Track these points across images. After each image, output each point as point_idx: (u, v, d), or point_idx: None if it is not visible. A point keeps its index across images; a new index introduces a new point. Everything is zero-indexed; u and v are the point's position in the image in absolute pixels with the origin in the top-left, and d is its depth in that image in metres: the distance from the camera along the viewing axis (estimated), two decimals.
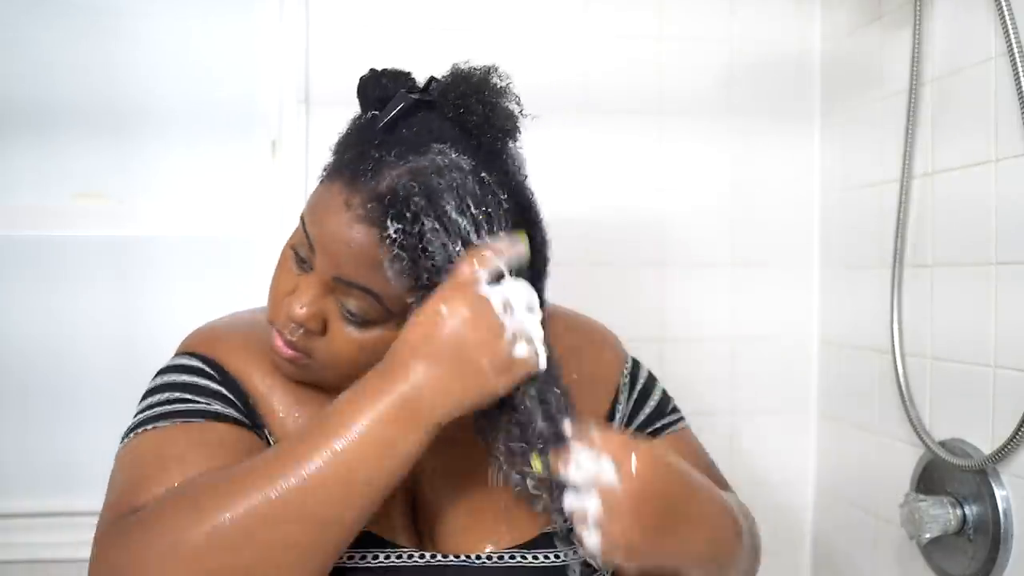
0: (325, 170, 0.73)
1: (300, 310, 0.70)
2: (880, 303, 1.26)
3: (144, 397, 0.76)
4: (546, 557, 0.75)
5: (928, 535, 1.08)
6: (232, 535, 0.59)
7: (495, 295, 0.64)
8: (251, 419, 0.75)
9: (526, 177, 0.75)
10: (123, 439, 0.74)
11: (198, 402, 0.73)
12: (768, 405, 1.51)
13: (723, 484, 0.90)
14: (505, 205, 0.68)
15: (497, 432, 0.68)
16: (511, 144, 0.73)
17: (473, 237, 0.66)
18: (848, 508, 1.41)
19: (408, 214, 0.65)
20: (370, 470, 0.62)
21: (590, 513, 0.62)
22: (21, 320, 1.32)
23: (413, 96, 0.70)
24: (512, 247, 0.67)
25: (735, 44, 1.48)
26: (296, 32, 1.36)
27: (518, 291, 0.66)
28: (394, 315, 0.69)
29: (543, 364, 0.66)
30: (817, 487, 1.52)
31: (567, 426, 0.65)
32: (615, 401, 0.86)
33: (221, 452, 0.69)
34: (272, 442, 0.75)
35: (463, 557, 0.74)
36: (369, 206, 0.66)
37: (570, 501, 0.63)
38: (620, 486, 0.61)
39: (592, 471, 0.62)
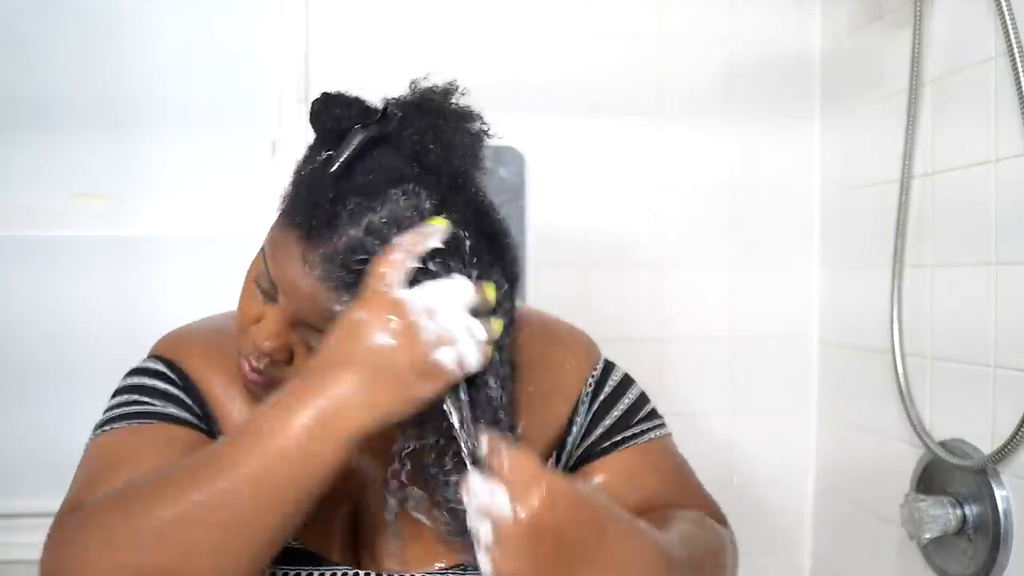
0: (283, 203, 0.71)
1: (266, 343, 0.69)
2: (880, 303, 1.26)
3: (110, 398, 0.78)
4: None
5: (928, 535, 1.08)
6: (155, 535, 0.60)
7: (414, 297, 0.61)
8: (207, 424, 0.76)
9: (491, 202, 0.71)
10: (89, 437, 0.76)
11: (154, 405, 0.74)
12: (768, 405, 1.51)
13: (699, 501, 0.85)
14: (469, 242, 0.65)
15: (411, 443, 0.66)
16: (473, 168, 0.69)
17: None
18: (848, 508, 1.41)
19: (365, 271, 0.63)
20: (285, 481, 0.60)
21: (482, 540, 0.59)
22: (21, 320, 1.32)
23: (367, 133, 0.66)
24: (426, 238, 0.63)
25: (735, 44, 1.48)
26: (296, 32, 1.36)
27: (444, 291, 0.62)
28: None
29: (473, 366, 0.62)
30: (817, 487, 1.52)
31: (479, 444, 0.61)
32: (574, 413, 0.82)
33: (170, 452, 0.70)
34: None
35: None
36: (326, 265, 0.64)
37: (470, 520, 0.60)
38: (513, 519, 0.57)
39: (485, 500, 0.59)
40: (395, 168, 0.65)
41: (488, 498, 0.58)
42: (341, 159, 0.65)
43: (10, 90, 1.32)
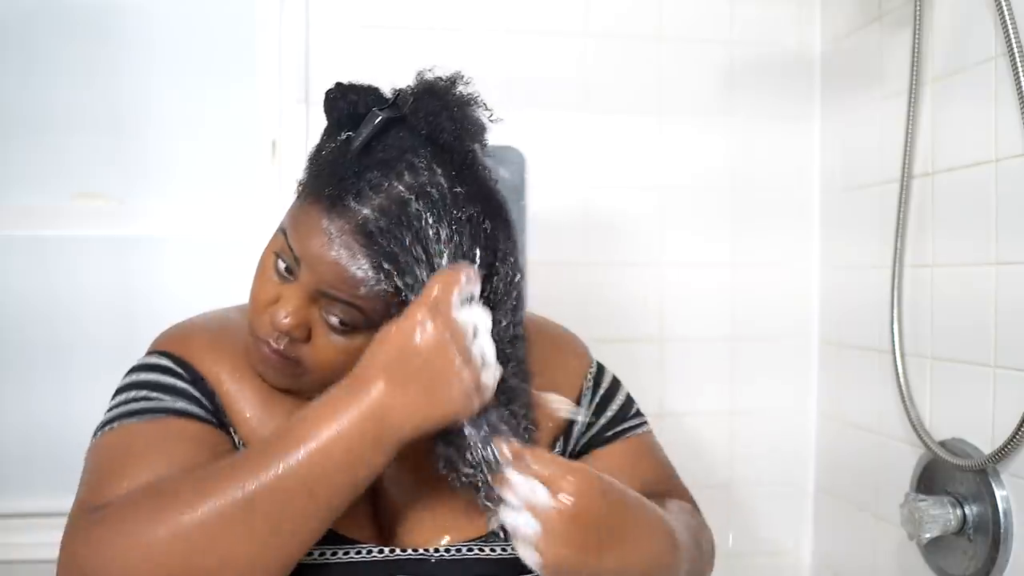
0: (301, 186, 0.74)
1: (285, 320, 0.71)
2: (880, 303, 1.26)
3: (113, 396, 0.77)
4: (503, 549, 0.76)
5: (928, 535, 1.08)
6: (193, 537, 0.60)
7: (466, 319, 0.66)
8: (217, 417, 0.76)
9: (496, 181, 0.75)
10: (93, 436, 0.75)
11: (163, 399, 0.74)
12: (768, 405, 1.51)
13: (680, 491, 0.91)
14: (480, 216, 0.70)
15: (448, 449, 0.69)
16: (480, 152, 0.75)
17: (447, 253, 0.68)
18: (848, 508, 1.41)
19: (389, 238, 0.67)
20: (332, 483, 0.63)
21: (526, 533, 0.64)
22: (21, 320, 1.32)
23: (384, 114, 0.71)
24: (479, 275, 0.68)
25: (735, 44, 1.48)
26: (296, 32, 1.36)
27: (483, 316, 0.68)
28: (377, 324, 0.70)
29: (494, 386, 0.67)
30: (817, 487, 1.52)
31: (506, 449, 0.66)
32: (577, 406, 0.87)
33: (182, 447, 0.70)
34: (237, 440, 0.76)
35: (421, 551, 0.76)
36: (351, 233, 0.68)
37: (509, 518, 0.65)
38: (553, 509, 0.63)
39: (526, 495, 0.64)
40: (411, 145, 0.70)
41: (529, 493, 0.63)
42: (362, 137, 0.70)
43: (10, 90, 1.32)
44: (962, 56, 1.12)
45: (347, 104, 0.73)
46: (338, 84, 0.74)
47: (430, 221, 0.67)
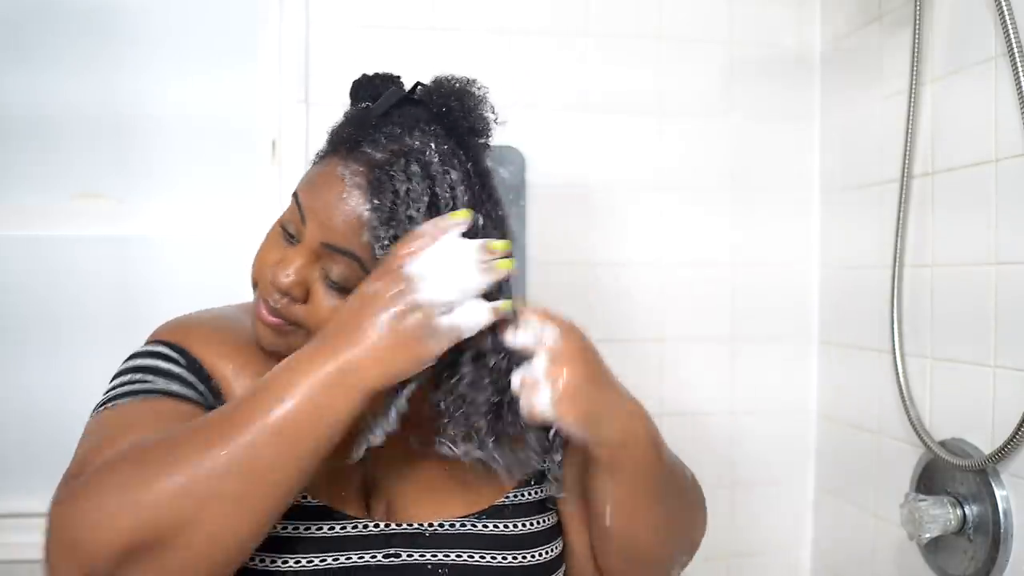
0: (320, 154, 0.79)
1: (285, 279, 0.74)
2: (880, 303, 1.26)
3: (110, 381, 0.79)
4: (496, 526, 0.79)
5: (928, 535, 1.08)
6: (175, 491, 0.62)
7: (419, 270, 0.68)
8: (211, 402, 0.77)
9: (494, 175, 0.80)
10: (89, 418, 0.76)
11: (156, 382, 0.76)
12: (768, 406, 1.51)
13: None
14: (478, 188, 0.75)
15: (443, 396, 0.73)
16: (485, 146, 0.80)
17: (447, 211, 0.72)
18: (848, 508, 1.41)
19: (395, 184, 0.72)
20: (303, 432, 0.65)
21: (539, 369, 0.70)
22: (21, 320, 1.32)
23: (402, 94, 0.78)
24: (448, 227, 0.70)
25: (735, 44, 1.48)
26: (296, 32, 1.36)
27: (446, 258, 0.69)
28: None
29: (473, 324, 0.69)
30: (817, 487, 1.52)
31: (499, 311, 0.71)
32: None
33: (171, 424, 0.71)
34: None
35: (416, 524, 0.78)
36: (362, 174, 0.73)
37: (518, 376, 0.70)
38: (562, 343, 0.71)
39: (537, 334, 0.71)
40: (424, 120, 0.76)
41: (540, 333, 0.71)
42: (381, 106, 0.77)
43: (10, 90, 1.32)
44: (962, 56, 1.12)
45: (372, 88, 0.80)
46: (364, 74, 0.82)
47: (435, 180, 0.73)
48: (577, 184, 1.45)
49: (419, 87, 0.79)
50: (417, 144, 0.74)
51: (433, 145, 0.74)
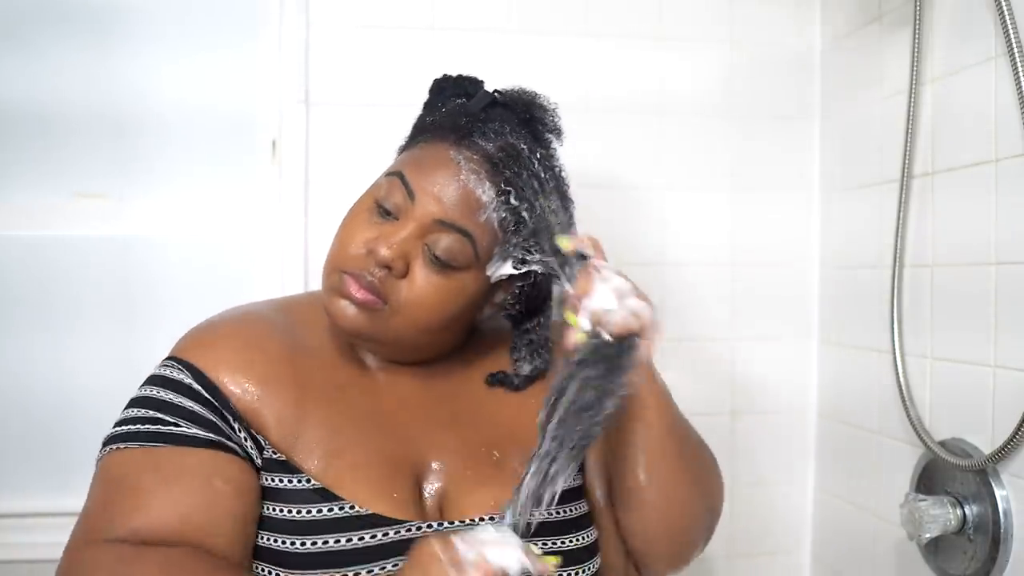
0: (421, 133, 0.86)
1: (387, 251, 0.77)
2: (880, 302, 1.26)
3: (127, 406, 0.79)
4: (549, 513, 0.78)
5: (928, 535, 1.08)
6: None
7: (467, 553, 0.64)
8: (231, 430, 0.77)
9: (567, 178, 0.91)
10: (102, 447, 0.77)
11: (169, 423, 0.76)
12: (768, 405, 1.51)
13: None
14: (565, 188, 0.87)
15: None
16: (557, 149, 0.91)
17: (541, 201, 0.80)
18: (848, 508, 1.41)
19: (507, 174, 0.79)
20: None
21: (617, 288, 0.80)
22: (21, 320, 1.32)
23: (493, 95, 0.87)
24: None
25: (735, 45, 1.48)
26: (296, 32, 1.36)
27: (497, 549, 0.65)
28: (479, 261, 0.80)
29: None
30: (817, 486, 1.52)
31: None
32: None
33: (184, 481, 0.73)
34: (265, 443, 0.77)
35: (468, 520, 0.79)
36: (476, 161, 0.80)
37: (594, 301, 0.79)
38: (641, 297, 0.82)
39: (617, 287, 0.82)
40: (514, 123, 0.86)
41: (621, 285, 0.81)
42: (481, 103, 0.85)
43: (10, 90, 1.32)
44: (962, 56, 1.12)
45: (459, 87, 0.89)
46: (446, 75, 0.91)
47: (538, 175, 0.81)
48: (576, 184, 1.44)
49: (497, 93, 0.88)
50: (522, 144, 0.83)
51: (528, 145, 0.83)
